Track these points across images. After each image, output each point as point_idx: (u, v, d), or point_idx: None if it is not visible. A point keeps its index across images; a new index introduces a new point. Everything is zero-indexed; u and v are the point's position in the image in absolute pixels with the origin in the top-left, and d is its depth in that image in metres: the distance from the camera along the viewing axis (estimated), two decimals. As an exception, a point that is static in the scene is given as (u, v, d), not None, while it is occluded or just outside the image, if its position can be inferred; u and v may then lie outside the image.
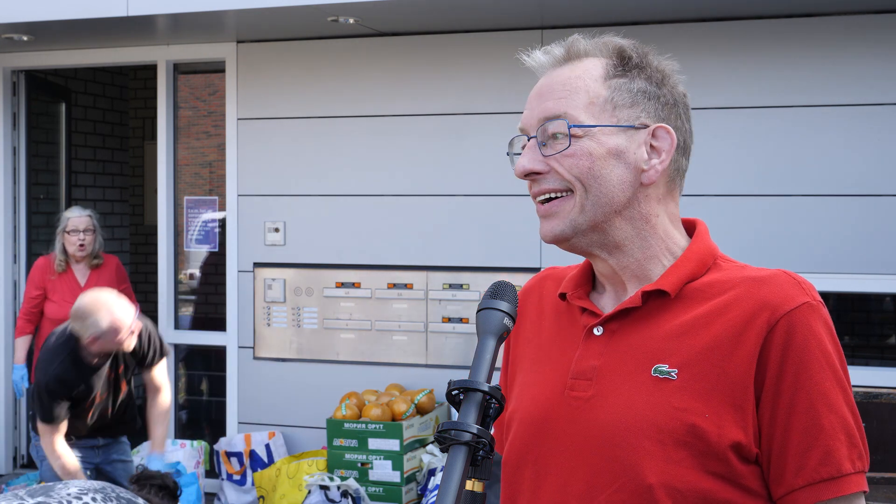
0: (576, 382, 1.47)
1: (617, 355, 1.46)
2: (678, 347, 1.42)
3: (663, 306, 1.46)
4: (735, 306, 1.42)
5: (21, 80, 6.88)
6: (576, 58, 1.50)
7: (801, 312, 1.40)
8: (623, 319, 1.48)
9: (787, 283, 1.43)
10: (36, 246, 7.04)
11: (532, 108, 1.50)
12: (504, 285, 1.38)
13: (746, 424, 1.38)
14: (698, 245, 1.52)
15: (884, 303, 5.51)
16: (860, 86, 5.14)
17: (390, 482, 5.30)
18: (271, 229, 6.10)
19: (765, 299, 1.41)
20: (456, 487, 1.18)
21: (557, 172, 1.46)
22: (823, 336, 1.41)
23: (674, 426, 1.37)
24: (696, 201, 5.34)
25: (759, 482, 1.39)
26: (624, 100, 1.47)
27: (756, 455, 1.39)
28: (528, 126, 1.50)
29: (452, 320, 5.80)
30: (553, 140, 1.47)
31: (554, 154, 1.46)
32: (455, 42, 5.79)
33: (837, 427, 1.37)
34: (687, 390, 1.39)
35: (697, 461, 1.36)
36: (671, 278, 1.47)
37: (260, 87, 6.15)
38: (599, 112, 1.46)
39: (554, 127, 1.46)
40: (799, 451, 1.37)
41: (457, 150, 5.76)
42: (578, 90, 1.47)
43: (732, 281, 1.46)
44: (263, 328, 6.14)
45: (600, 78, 1.48)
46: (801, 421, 1.37)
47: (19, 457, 6.86)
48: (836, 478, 1.36)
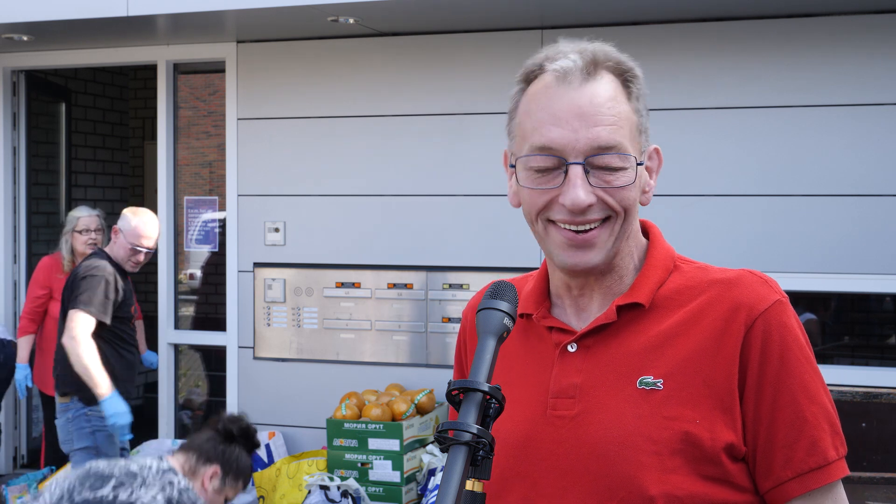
0: (557, 401, 1.47)
1: (598, 371, 1.46)
2: (659, 358, 1.43)
3: (637, 317, 1.47)
4: (710, 311, 1.44)
5: (21, 80, 6.88)
6: (599, 70, 1.45)
7: (774, 310, 1.43)
8: (598, 335, 1.48)
9: (756, 283, 1.46)
10: (36, 246, 7.03)
11: (576, 130, 1.41)
12: (504, 285, 1.38)
13: (735, 425, 1.40)
14: (658, 250, 1.53)
15: (884, 303, 5.51)
16: (860, 86, 5.14)
17: (390, 482, 5.30)
18: (271, 229, 6.10)
19: (738, 301, 1.43)
20: (456, 487, 1.18)
21: (606, 203, 1.43)
22: (796, 330, 1.44)
23: (667, 436, 1.39)
24: (697, 201, 5.34)
25: (747, 478, 1.42)
26: (644, 124, 1.48)
27: (744, 453, 1.41)
28: (571, 150, 1.42)
29: (452, 320, 5.80)
30: (600, 170, 1.42)
31: (607, 186, 1.42)
32: (455, 42, 5.79)
33: (820, 417, 1.41)
34: (674, 399, 1.40)
35: (692, 467, 1.38)
36: (643, 289, 1.48)
37: (260, 87, 6.15)
38: (633, 139, 1.45)
39: (612, 160, 1.42)
40: (786, 443, 1.40)
41: (457, 150, 5.76)
42: (622, 117, 1.43)
43: (700, 285, 1.48)
44: (263, 328, 6.14)
45: (626, 100, 1.45)
46: (786, 414, 1.40)
47: (19, 457, 6.86)
48: (822, 466, 1.40)
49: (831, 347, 5.52)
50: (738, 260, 5.08)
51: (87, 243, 5.81)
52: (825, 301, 5.51)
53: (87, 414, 4.79)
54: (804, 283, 5.13)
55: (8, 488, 5.57)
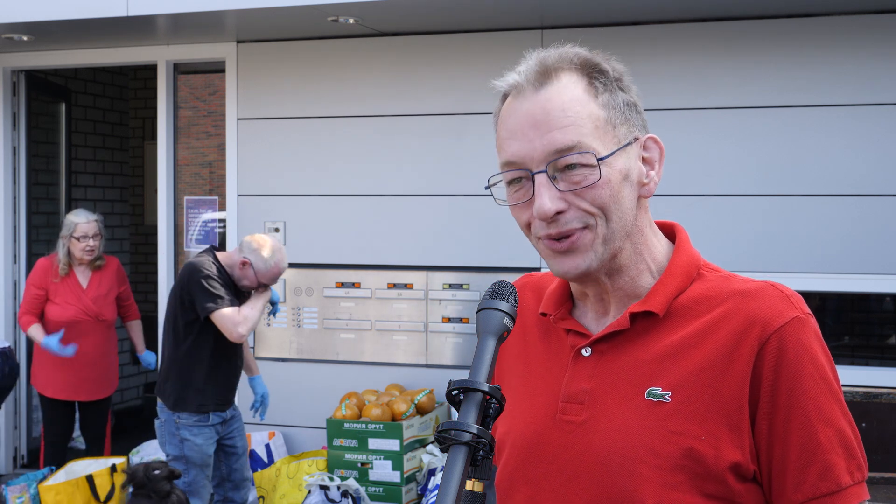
0: (567, 406, 1.45)
1: (608, 378, 1.44)
2: (670, 369, 1.40)
3: (652, 326, 1.44)
4: (724, 324, 1.40)
5: (21, 80, 6.88)
6: (553, 75, 1.43)
7: (791, 327, 1.37)
8: (611, 341, 1.46)
9: (776, 298, 1.40)
10: (36, 246, 7.03)
11: (531, 140, 1.41)
12: (504, 285, 1.37)
13: (743, 443, 1.37)
14: (682, 257, 1.49)
15: (884, 303, 5.51)
16: (860, 86, 5.14)
17: (390, 482, 5.30)
18: (271, 229, 6.10)
19: (754, 315, 1.38)
20: (456, 487, 1.17)
21: (579, 207, 1.40)
22: (815, 349, 1.39)
23: (670, 450, 1.36)
24: (696, 201, 5.34)
25: (754, 499, 1.39)
26: (617, 117, 1.43)
27: (754, 472, 1.38)
28: (531, 160, 1.41)
29: (452, 320, 5.80)
30: (566, 173, 1.40)
31: (575, 188, 1.39)
32: (455, 42, 5.79)
33: (835, 441, 1.37)
34: (682, 413, 1.38)
35: (694, 484, 1.36)
36: (659, 297, 1.44)
37: (260, 87, 6.15)
38: (604, 135, 1.41)
39: (571, 159, 1.39)
40: (797, 466, 1.36)
41: (457, 150, 5.76)
42: (581, 115, 1.40)
43: (720, 296, 1.43)
44: (263, 328, 6.14)
45: (591, 97, 1.42)
46: (798, 437, 1.36)
47: (19, 457, 6.86)
48: (835, 492, 1.36)
49: (831, 347, 5.50)
50: (738, 260, 5.08)
51: (85, 250, 5.76)
52: (825, 301, 5.51)
53: (176, 421, 4.65)
54: (804, 283, 5.13)
55: (8, 488, 5.57)
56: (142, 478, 3.94)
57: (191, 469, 4.61)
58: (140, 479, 3.94)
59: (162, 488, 3.94)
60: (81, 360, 5.79)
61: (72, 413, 6.01)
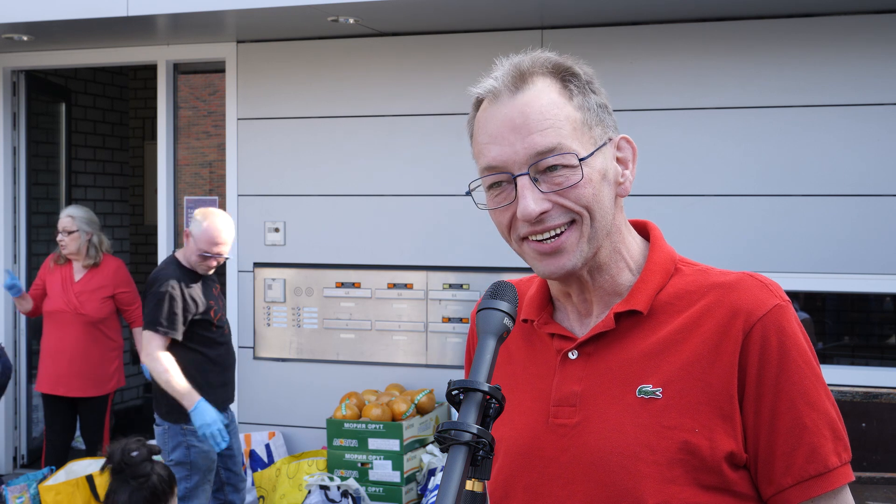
0: (559, 409, 1.47)
1: (597, 379, 1.46)
2: (658, 366, 1.43)
3: (636, 324, 1.47)
4: (708, 317, 1.43)
5: (21, 80, 6.88)
6: (529, 79, 1.46)
7: (773, 315, 1.41)
8: (598, 342, 1.48)
9: (755, 287, 1.44)
10: (36, 246, 7.04)
11: (512, 144, 1.43)
12: (504, 285, 1.38)
13: (735, 432, 1.39)
14: (659, 254, 1.52)
15: (884, 303, 5.51)
16: (860, 86, 5.14)
17: (390, 482, 5.30)
18: (271, 229, 6.10)
19: (736, 306, 1.42)
20: (456, 487, 1.18)
21: (563, 206, 1.43)
22: (798, 335, 1.42)
23: (666, 445, 1.38)
24: (696, 201, 5.34)
25: (749, 485, 1.41)
26: (592, 119, 1.46)
27: (745, 459, 1.40)
28: (512, 163, 1.43)
29: (452, 320, 5.81)
30: (547, 174, 1.43)
31: (558, 189, 1.42)
32: (455, 42, 5.79)
33: (821, 423, 1.40)
34: (674, 408, 1.40)
35: (692, 476, 1.38)
36: (641, 295, 1.47)
37: (260, 87, 6.15)
38: (581, 136, 1.44)
39: (553, 161, 1.42)
40: (785, 450, 1.39)
41: (457, 150, 5.75)
42: (559, 118, 1.43)
43: (700, 290, 1.46)
44: (263, 328, 6.14)
45: (566, 100, 1.45)
46: (785, 421, 1.39)
47: (19, 457, 6.86)
48: (823, 473, 1.39)
49: (831, 347, 5.52)
50: (738, 260, 5.08)
51: (61, 244, 5.89)
52: (825, 301, 5.51)
53: (182, 428, 4.63)
54: (804, 283, 5.13)
55: (8, 488, 5.57)
56: (119, 461, 3.71)
57: (194, 475, 4.61)
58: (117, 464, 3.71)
59: (141, 471, 3.71)
60: (60, 352, 5.86)
61: (70, 412, 6.00)
